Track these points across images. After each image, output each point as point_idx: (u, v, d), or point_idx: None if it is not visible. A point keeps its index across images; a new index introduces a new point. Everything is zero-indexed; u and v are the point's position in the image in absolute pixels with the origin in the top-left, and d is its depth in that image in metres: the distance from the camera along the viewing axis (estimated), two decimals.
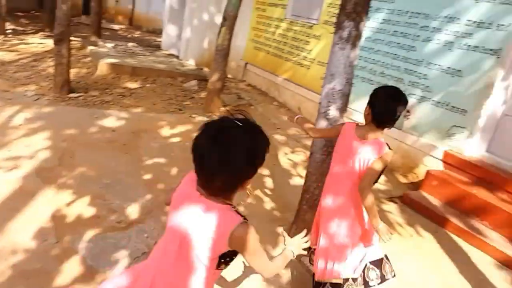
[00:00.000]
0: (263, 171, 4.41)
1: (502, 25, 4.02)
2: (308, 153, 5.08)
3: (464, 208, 3.85)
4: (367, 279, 2.33)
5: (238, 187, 1.37)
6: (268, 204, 3.74)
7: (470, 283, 3.05)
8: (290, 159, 4.87)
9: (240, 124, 1.30)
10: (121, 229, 3.01)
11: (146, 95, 6.60)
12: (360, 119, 2.58)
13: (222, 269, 1.49)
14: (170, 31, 10.43)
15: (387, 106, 2.10)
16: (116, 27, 14.50)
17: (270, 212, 3.61)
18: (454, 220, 3.72)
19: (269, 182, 4.17)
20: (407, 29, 4.98)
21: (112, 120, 5.11)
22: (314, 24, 6.57)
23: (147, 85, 7.13)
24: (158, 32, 13.32)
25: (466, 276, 3.12)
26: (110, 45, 9.26)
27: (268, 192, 3.96)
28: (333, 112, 2.75)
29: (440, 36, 4.60)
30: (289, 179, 4.34)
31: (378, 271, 2.35)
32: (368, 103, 2.18)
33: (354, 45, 2.68)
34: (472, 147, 4.26)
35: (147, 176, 3.93)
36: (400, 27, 5.07)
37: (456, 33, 4.44)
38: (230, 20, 5.93)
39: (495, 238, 3.52)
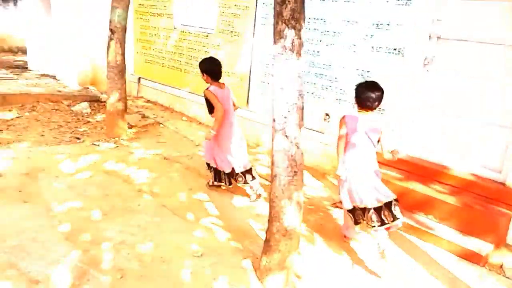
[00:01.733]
0: (200, 196, 3.97)
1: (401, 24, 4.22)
2: None
3: (406, 205, 3.74)
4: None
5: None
6: (222, 234, 3.29)
7: (445, 285, 2.95)
8: None
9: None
10: None
11: (28, 126, 5.50)
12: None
13: None
14: (37, 48, 9.01)
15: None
16: None
17: (227, 244, 3.17)
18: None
19: (211, 208, 3.73)
20: (312, 34, 4.98)
21: None
22: (209, 33, 6.28)
23: (26, 114, 5.97)
24: (15, 50, 11.70)
25: (437, 276, 3.03)
26: None
27: (216, 220, 3.51)
28: (291, 128, 2.50)
29: (343, 39, 4.65)
30: (231, 200, 3.95)
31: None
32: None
33: (299, 55, 2.48)
34: (397, 144, 4.32)
35: (65, 228, 3.19)
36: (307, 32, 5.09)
37: (358, 34, 4.52)
38: (118, 33, 5.29)
39: (445, 231, 3.51)
